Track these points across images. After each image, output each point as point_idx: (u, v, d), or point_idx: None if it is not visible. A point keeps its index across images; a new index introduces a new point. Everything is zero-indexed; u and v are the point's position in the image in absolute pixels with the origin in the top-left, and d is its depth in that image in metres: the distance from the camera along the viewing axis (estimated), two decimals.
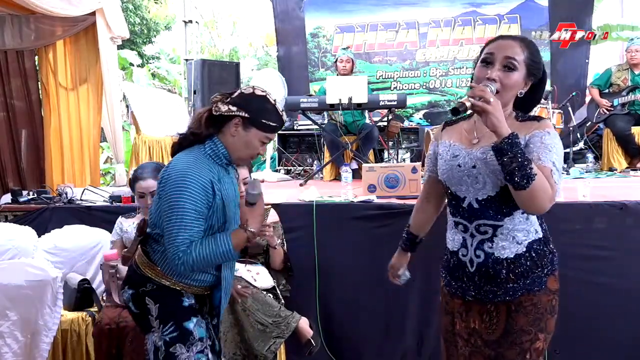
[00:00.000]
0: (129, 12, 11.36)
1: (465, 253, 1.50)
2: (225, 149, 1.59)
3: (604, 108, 5.04)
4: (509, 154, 1.28)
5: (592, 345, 2.67)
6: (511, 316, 1.46)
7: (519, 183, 1.29)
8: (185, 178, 1.49)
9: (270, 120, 1.58)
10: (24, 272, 2.41)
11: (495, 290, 1.46)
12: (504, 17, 6.66)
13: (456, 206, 1.51)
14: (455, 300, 1.56)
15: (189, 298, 1.63)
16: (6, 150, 4.39)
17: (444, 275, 1.61)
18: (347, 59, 5.05)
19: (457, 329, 1.55)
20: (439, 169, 1.55)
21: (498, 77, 1.38)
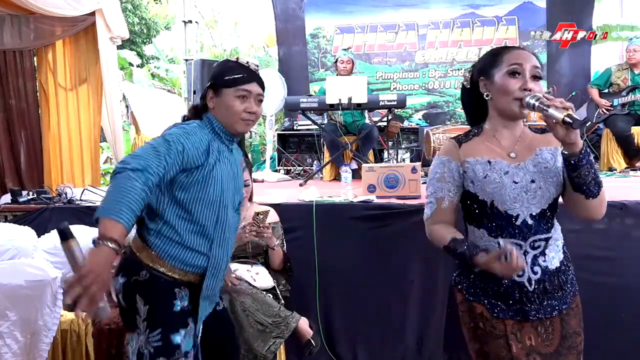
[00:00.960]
0: (128, 12, 11.36)
1: (522, 273, 1.41)
2: (218, 121, 1.59)
3: (603, 108, 5.04)
4: (587, 165, 1.29)
5: (592, 345, 2.67)
6: (565, 321, 1.45)
7: (593, 192, 1.32)
8: (183, 126, 1.52)
9: (235, 73, 1.58)
10: (24, 272, 2.40)
11: (553, 302, 1.44)
12: (502, 19, 6.68)
13: (504, 226, 1.41)
14: (505, 322, 1.44)
15: (181, 299, 1.55)
16: (5, 151, 4.39)
17: (485, 302, 1.46)
18: (348, 59, 5.05)
19: (515, 352, 1.41)
20: (481, 188, 1.42)
21: (532, 87, 1.37)
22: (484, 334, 1.46)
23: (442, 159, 1.49)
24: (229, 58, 1.65)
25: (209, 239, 1.57)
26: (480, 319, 1.47)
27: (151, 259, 1.53)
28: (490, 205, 1.42)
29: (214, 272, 1.60)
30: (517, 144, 1.44)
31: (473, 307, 1.48)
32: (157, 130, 5.14)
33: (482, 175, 1.42)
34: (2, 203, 3.42)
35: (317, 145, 5.72)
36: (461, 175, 1.47)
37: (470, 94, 1.53)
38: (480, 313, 1.47)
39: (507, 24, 6.68)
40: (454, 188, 1.47)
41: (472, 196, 1.45)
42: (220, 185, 1.55)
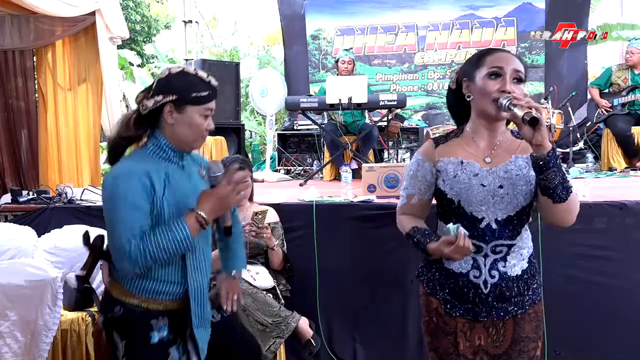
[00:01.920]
0: (129, 10, 11.35)
1: (478, 275, 1.44)
2: (169, 140, 1.49)
3: (603, 109, 5.04)
4: (554, 168, 1.29)
5: (592, 345, 2.67)
6: (518, 324, 1.46)
7: (561, 196, 1.31)
8: (118, 177, 1.43)
9: (201, 91, 1.48)
10: (24, 272, 2.40)
11: (506, 306, 1.45)
12: (501, 20, 6.70)
13: (468, 226, 1.42)
14: (457, 319, 1.48)
15: (159, 330, 1.49)
16: (6, 151, 4.39)
17: (439, 296, 1.50)
18: (349, 59, 5.06)
19: (462, 350, 1.47)
20: (450, 187, 1.45)
21: (512, 90, 1.37)
22: (436, 329, 1.52)
23: (418, 158, 1.54)
24: (185, 70, 1.52)
25: (178, 266, 1.50)
26: (434, 313, 1.52)
27: (122, 292, 1.50)
28: (457, 205, 1.45)
29: (198, 300, 1.53)
30: (494, 148, 1.45)
31: (430, 302, 1.53)
32: None
33: (453, 175, 1.45)
34: (2, 203, 3.42)
35: (317, 145, 5.73)
36: (434, 175, 1.50)
37: (454, 95, 1.54)
38: (435, 308, 1.52)
39: (506, 25, 6.69)
40: (424, 187, 1.52)
41: (442, 194, 1.48)
42: (176, 210, 1.46)
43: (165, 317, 1.51)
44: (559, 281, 2.62)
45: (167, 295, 1.51)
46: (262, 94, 5.63)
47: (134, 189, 1.40)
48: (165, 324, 1.52)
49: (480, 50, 1.51)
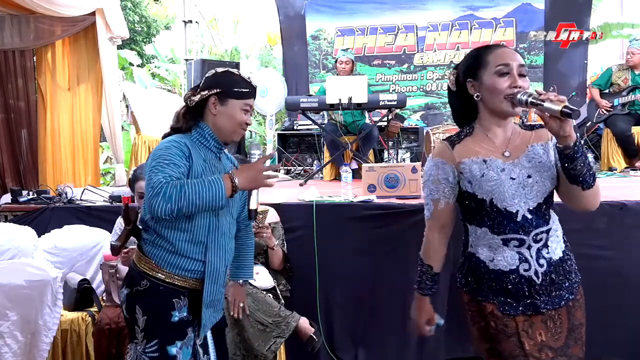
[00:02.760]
0: (127, 10, 11.35)
1: (528, 267, 1.43)
2: (212, 130, 1.64)
3: (603, 109, 5.04)
4: (581, 157, 1.31)
5: (592, 344, 2.67)
6: (571, 312, 1.47)
7: (589, 182, 1.35)
8: (161, 147, 1.56)
9: (242, 88, 1.65)
10: (24, 272, 2.40)
11: (561, 293, 1.45)
12: (500, 21, 6.70)
13: (505, 223, 1.42)
14: (516, 319, 1.44)
15: (180, 310, 1.58)
16: (6, 151, 4.39)
17: (495, 301, 1.46)
18: (347, 59, 5.05)
19: (527, 349, 1.42)
20: (480, 187, 1.43)
21: (522, 84, 1.39)
22: (496, 333, 1.46)
23: (436, 161, 1.50)
24: (229, 70, 1.71)
25: (202, 245, 1.60)
26: (491, 317, 1.47)
27: (150, 267, 1.59)
28: (489, 204, 1.43)
29: (212, 278, 1.61)
30: (509, 142, 1.46)
31: (483, 307, 1.48)
32: (157, 130, 5.14)
33: (480, 174, 1.43)
34: (2, 203, 3.42)
35: (317, 145, 5.72)
36: (456, 177, 1.48)
37: (457, 95, 1.53)
38: (490, 312, 1.47)
39: (505, 26, 6.69)
40: (448, 189, 1.49)
41: (471, 196, 1.46)
42: None
43: (186, 297, 1.60)
44: None
45: (190, 273, 1.59)
46: (263, 94, 5.63)
47: (175, 153, 1.53)
48: (185, 305, 1.60)
49: (475, 49, 1.50)
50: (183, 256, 1.58)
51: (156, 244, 1.59)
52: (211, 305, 1.63)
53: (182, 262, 1.58)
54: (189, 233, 1.58)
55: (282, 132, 6.37)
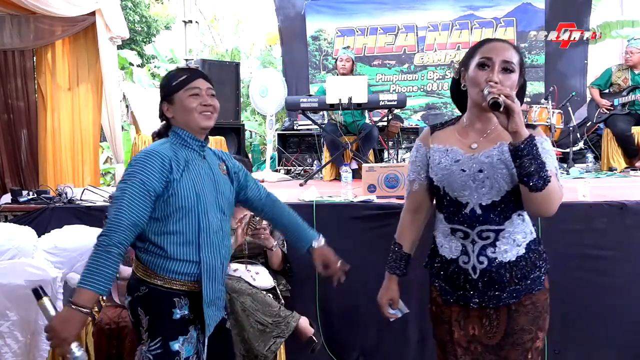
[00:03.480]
0: (128, 10, 11.35)
1: (467, 260, 1.46)
2: (182, 128, 1.65)
3: (603, 108, 5.04)
4: (529, 156, 1.30)
5: (592, 345, 2.67)
6: (512, 317, 1.46)
7: (537, 185, 1.32)
8: (142, 154, 1.56)
9: (178, 78, 1.64)
10: (24, 272, 2.41)
11: (499, 294, 1.45)
12: (501, 20, 6.71)
13: (455, 212, 1.47)
14: (451, 308, 1.52)
15: (181, 308, 1.60)
16: (6, 151, 4.39)
17: (437, 284, 1.56)
18: (347, 58, 5.05)
19: (456, 338, 1.50)
20: (435, 174, 1.50)
21: (499, 79, 1.39)
22: (435, 317, 1.59)
23: (417, 144, 1.60)
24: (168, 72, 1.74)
25: (194, 246, 1.59)
26: (433, 302, 1.59)
27: (147, 274, 1.60)
28: (442, 191, 1.49)
29: (210, 277, 1.61)
30: (485, 136, 1.48)
31: (430, 291, 1.60)
32: None
33: (437, 161, 1.50)
34: (3, 203, 3.42)
35: (317, 145, 5.72)
36: (427, 160, 1.55)
37: (456, 84, 1.58)
38: (434, 297, 1.58)
39: (505, 26, 6.69)
40: (422, 172, 1.57)
41: (431, 180, 1.53)
42: (194, 192, 1.58)
43: (187, 298, 1.61)
44: (559, 281, 2.61)
45: (186, 276, 1.59)
46: (263, 94, 5.63)
47: (154, 166, 1.53)
48: (186, 304, 1.61)
49: (480, 40, 1.54)
50: (177, 260, 1.58)
51: (149, 251, 1.59)
52: (212, 303, 1.63)
53: (177, 266, 1.58)
54: (179, 235, 1.58)
55: (282, 132, 6.37)
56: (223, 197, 1.68)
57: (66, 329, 1.43)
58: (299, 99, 4.56)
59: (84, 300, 1.45)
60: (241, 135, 5.76)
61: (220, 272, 1.67)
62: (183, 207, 1.57)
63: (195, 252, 1.59)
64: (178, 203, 1.56)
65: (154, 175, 1.52)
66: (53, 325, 1.44)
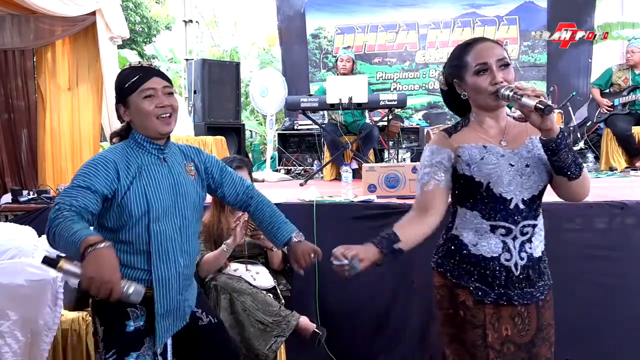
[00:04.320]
0: (129, 11, 11.35)
1: (509, 257, 1.45)
2: (140, 133, 1.57)
3: (604, 108, 5.04)
4: (565, 148, 1.34)
5: (592, 344, 2.67)
6: (540, 312, 1.49)
7: (575, 173, 1.37)
8: (90, 160, 1.52)
9: (130, 79, 1.54)
10: (25, 272, 2.40)
11: (532, 290, 1.47)
12: (503, 19, 6.69)
13: (498, 209, 1.44)
14: (485, 311, 1.46)
15: (135, 320, 1.54)
16: (6, 150, 4.39)
17: (470, 285, 1.47)
18: (348, 58, 5.05)
19: (489, 341, 1.45)
20: (479, 170, 1.43)
21: (502, 78, 1.41)
22: (463, 322, 1.48)
23: (432, 148, 1.51)
24: (121, 70, 1.62)
25: (144, 255, 1.53)
26: (461, 306, 1.48)
27: None
28: (485, 187, 1.44)
29: (163, 286, 1.54)
30: (505, 133, 1.49)
31: (455, 295, 1.49)
32: None
33: (479, 157, 1.45)
34: (3, 202, 3.42)
35: (317, 145, 5.72)
36: (451, 160, 1.47)
37: (449, 94, 1.57)
38: (462, 301, 1.48)
39: (508, 24, 6.68)
40: (441, 172, 1.47)
41: (468, 179, 1.46)
42: (144, 200, 1.51)
43: (143, 307, 1.55)
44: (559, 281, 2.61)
45: (138, 282, 1.48)
46: (263, 93, 5.63)
47: (98, 170, 1.47)
48: (143, 314, 1.56)
49: (455, 48, 1.52)
50: (127, 267, 1.52)
51: None
52: (168, 315, 1.57)
53: (128, 272, 1.51)
54: (128, 244, 1.52)
55: (283, 132, 6.37)
56: (186, 200, 1.60)
57: (103, 270, 1.26)
58: (299, 99, 4.56)
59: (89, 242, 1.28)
60: (241, 135, 5.76)
61: (177, 282, 1.58)
62: (132, 216, 1.50)
63: (145, 261, 1.53)
64: (128, 212, 1.49)
65: (97, 179, 1.46)
66: (88, 275, 1.26)
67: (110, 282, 1.26)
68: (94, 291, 1.26)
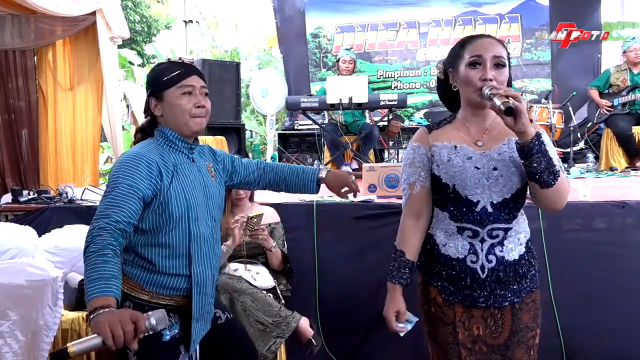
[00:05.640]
0: (128, 10, 11.36)
1: (475, 259, 1.44)
2: (173, 130, 1.52)
3: (604, 109, 5.04)
4: (538, 154, 1.30)
5: (592, 344, 2.67)
6: (516, 315, 1.47)
7: (547, 181, 1.32)
8: (128, 158, 1.43)
9: (170, 73, 1.50)
10: (25, 272, 2.40)
11: (504, 293, 1.45)
12: (505, 17, 6.68)
13: (465, 211, 1.43)
14: (454, 309, 1.48)
15: (170, 328, 1.48)
16: (6, 150, 4.39)
17: (438, 285, 1.50)
18: (350, 59, 5.06)
19: (460, 339, 1.46)
20: (445, 172, 1.45)
21: (493, 76, 1.39)
22: (435, 319, 1.52)
23: (413, 145, 1.54)
24: (159, 63, 1.59)
25: (184, 258, 1.49)
26: (432, 303, 1.52)
27: (131, 288, 1.47)
28: (452, 189, 1.44)
29: (201, 291, 1.51)
30: (485, 133, 1.47)
31: (428, 291, 1.54)
32: None
33: (446, 159, 1.45)
34: (3, 202, 3.42)
35: (317, 145, 5.73)
36: (429, 159, 1.50)
37: (443, 85, 1.56)
38: (433, 298, 1.52)
39: (509, 22, 6.67)
40: (424, 172, 1.50)
41: (437, 179, 1.48)
42: (184, 200, 1.47)
43: (176, 314, 1.51)
44: (560, 280, 2.62)
45: (175, 291, 1.49)
46: (263, 93, 5.64)
47: (141, 170, 1.40)
48: (177, 322, 1.51)
49: (460, 40, 1.51)
50: (166, 274, 1.47)
51: (135, 264, 1.47)
52: (201, 318, 1.54)
53: (166, 280, 1.47)
54: (169, 248, 1.46)
55: (283, 132, 6.37)
56: (213, 202, 1.58)
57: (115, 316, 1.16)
58: (300, 99, 4.56)
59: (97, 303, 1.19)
60: (241, 135, 5.76)
61: (211, 284, 1.57)
62: (173, 216, 1.45)
63: (185, 265, 1.48)
64: (168, 212, 1.44)
65: (142, 181, 1.39)
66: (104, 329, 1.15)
67: (129, 319, 1.17)
68: (118, 339, 1.14)
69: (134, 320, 1.17)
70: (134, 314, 1.19)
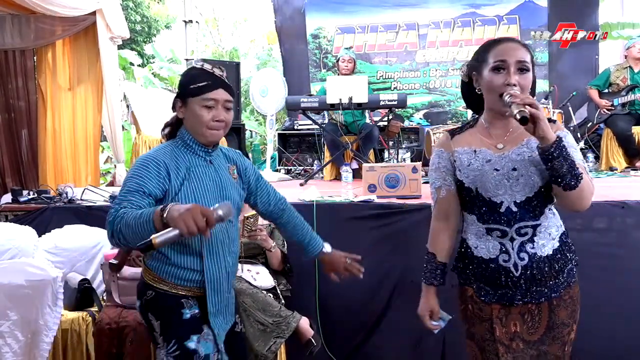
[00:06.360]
0: (129, 10, 11.36)
1: (507, 258, 1.45)
2: (191, 135, 1.59)
3: (604, 109, 5.04)
4: (559, 158, 1.32)
5: (593, 344, 2.67)
6: (553, 311, 1.48)
7: (570, 184, 1.34)
8: (140, 160, 1.52)
9: (198, 82, 1.55)
10: (25, 272, 2.40)
11: (541, 289, 1.46)
12: (503, 18, 6.69)
13: (490, 212, 1.47)
14: (492, 306, 1.49)
15: (190, 308, 1.58)
16: (6, 150, 4.39)
17: (474, 286, 1.53)
18: (350, 58, 5.05)
19: (498, 336, 1.48)
20: (466, 176, 1.49)
21: (517, 81, 1.40)
22: (472, 316, 1.54)
23: (437, 151, 1.60)
24: (194, 64, 1.63)
25: (197, 256, 1.57)
26: (470, 301, 1.54)
27: (153, 279, 1.58)
28: (475, 192, 1.48)
29: (214, 288, 1.59)
30: (507, 135, 1.49)
31: (464, 290, 1.56)
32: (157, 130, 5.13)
33: (467, 163, 1.50)
34: (3, 202, 3.42)
35: (317, 145, 5.73)
36: (452, 164, 1.54)
37: (468, 88, 1.58)
38: (470, 296, 1.54)
39: (508, 23, 6.68)
40: (449, 177, 1.55)
41: (461, 183, 1.52)
42: (194, 201, 1.52)
43: (195, 299, 1.59)
44: None
45: (190, 283, 1.58)
46: (263, 93, 5.63)
47: (150, 171, 1.48)
48: (195, 304, 1.59)
49: (485, 43, 1.52)
50: (180, 267, 1.56)
51: (154, 257, 1.57)
52: (219, 313, 1.62)
53: (181, 273, 1.57)
54: (182, 245, 1.55)
55: (283, 132, 6.37)
56: (230, 202, 1.59)
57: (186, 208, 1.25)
58: (300, 99, 4.56)
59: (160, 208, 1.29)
60: (241, 135, 5.76)
61: (226, 281, 1.63)
62: None
63: (198, 263, 1.57)
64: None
65: (150, 180, 1.47)
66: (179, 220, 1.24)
67: (199, 211, 1.25)
68: (191, 227, 1.23)
69: (204, 214, 1.26)
70: (203, 208, 1.28)
